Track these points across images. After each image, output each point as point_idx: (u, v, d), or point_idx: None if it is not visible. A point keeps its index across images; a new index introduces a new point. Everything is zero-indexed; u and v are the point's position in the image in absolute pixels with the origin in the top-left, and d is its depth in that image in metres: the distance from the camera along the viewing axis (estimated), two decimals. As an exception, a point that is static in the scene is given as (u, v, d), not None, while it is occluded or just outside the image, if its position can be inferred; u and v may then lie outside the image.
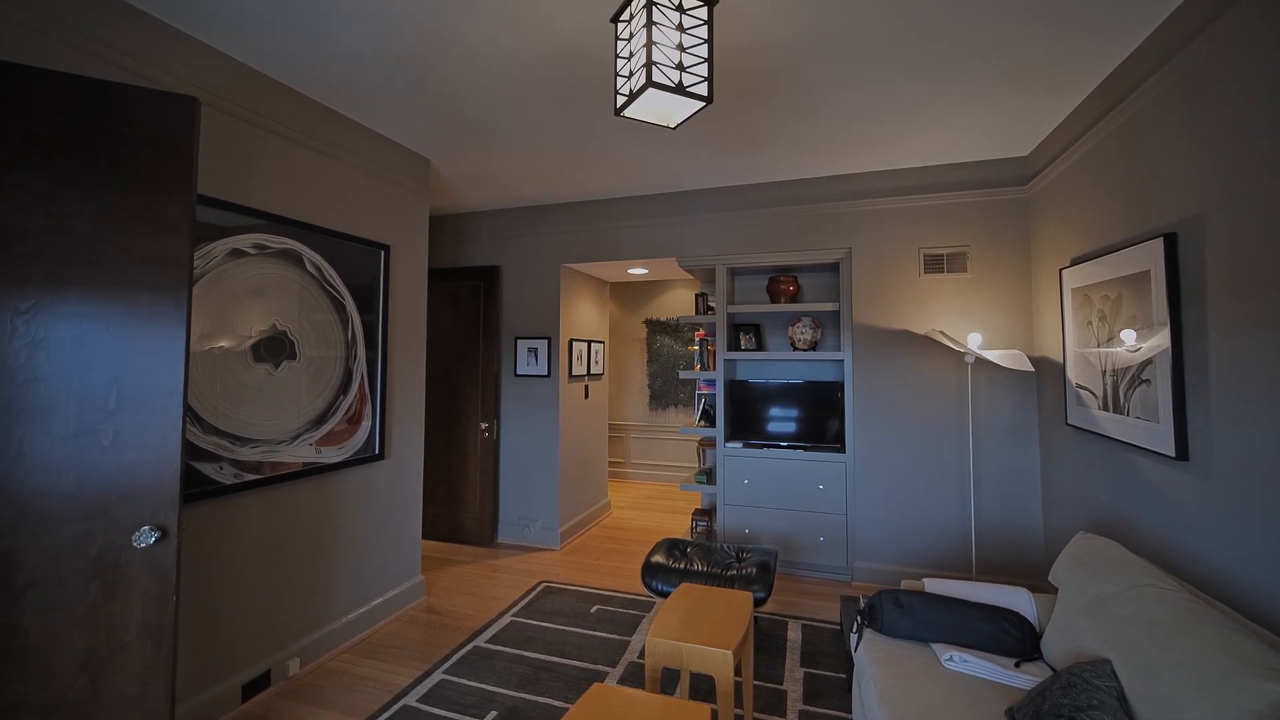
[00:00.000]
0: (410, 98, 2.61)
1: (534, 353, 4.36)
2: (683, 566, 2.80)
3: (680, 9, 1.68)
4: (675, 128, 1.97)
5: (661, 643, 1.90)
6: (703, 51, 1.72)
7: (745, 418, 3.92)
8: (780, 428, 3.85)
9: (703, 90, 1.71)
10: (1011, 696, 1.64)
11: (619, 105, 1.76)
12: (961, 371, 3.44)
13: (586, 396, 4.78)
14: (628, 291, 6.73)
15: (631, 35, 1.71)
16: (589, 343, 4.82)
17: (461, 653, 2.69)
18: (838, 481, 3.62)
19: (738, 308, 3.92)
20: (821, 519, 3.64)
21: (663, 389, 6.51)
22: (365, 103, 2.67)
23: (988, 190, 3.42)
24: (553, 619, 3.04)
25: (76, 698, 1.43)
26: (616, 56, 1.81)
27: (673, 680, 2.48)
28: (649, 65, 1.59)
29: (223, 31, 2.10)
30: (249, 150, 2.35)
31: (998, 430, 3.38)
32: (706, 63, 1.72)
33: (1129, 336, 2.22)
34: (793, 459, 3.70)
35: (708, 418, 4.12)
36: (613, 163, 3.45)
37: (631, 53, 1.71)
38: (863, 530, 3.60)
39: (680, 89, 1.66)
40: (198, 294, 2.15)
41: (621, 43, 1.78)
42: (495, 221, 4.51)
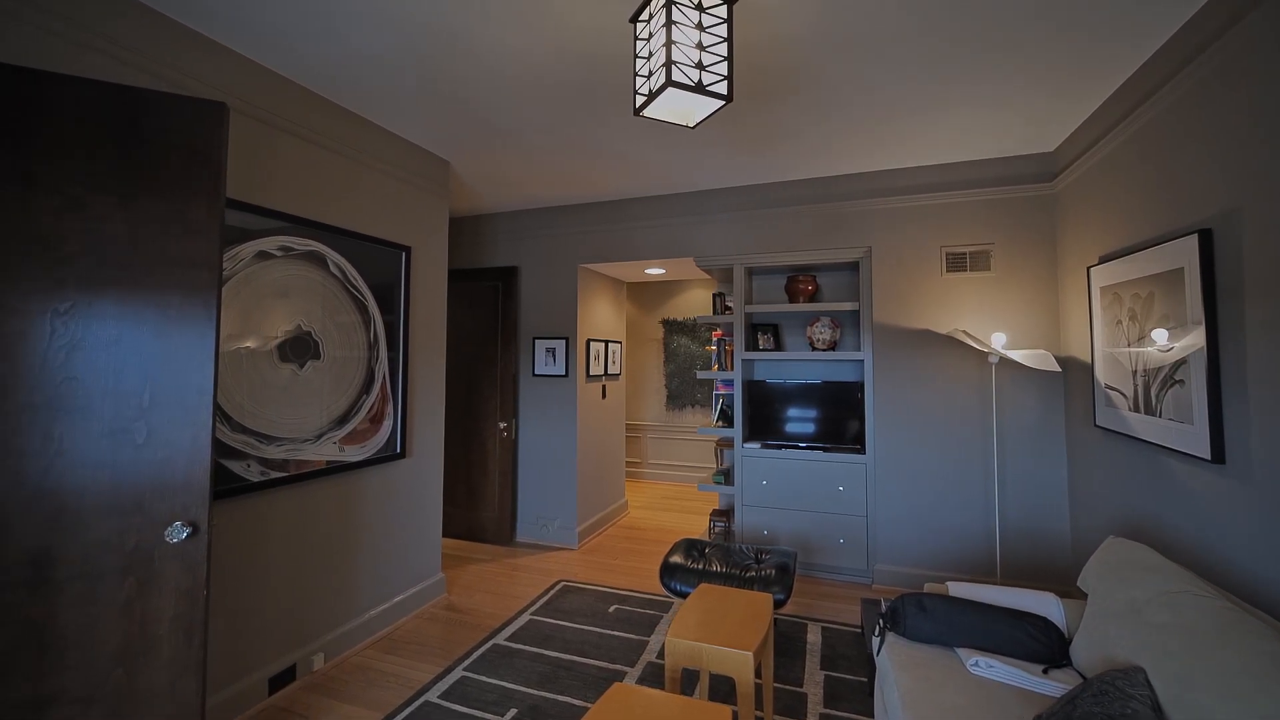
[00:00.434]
0: (430, 101, 2.64)
1: (551, 353, 4.38)
2: (701, 567, 2.79)
3: (700, 8, 1.68)
4: (694, 127, 1.96)
5: (681, 643, 1.90)
6: (722, 50, 1.71)
7: (763, 418, 3.89)
8: (799, 428, 3.82)
9: (722, 89, 1.71)
10: (1039, 704, 1.61)
11: (638, 105, 1.76)
12: (985, 372, 3.38)
13: (604, 396, 4.79)
14: (644, 291, 6.73)
15: (650, 35, 1.71)
16: (606, 343, 4.83)
17: (481, 650, 2.71)
18: (858, 483, 3.58)
19: (755, 307, 3.89)
20: (841, 520, 3.61)
21: (679, 389, 6.50)
22: (386, 106, 2.70)
23: (1012, 187, 3.35)
24: (571, 618, 3.05)
25: (113, 689, 1.47)
26: (635, 56, 1.81)
27: (691, 681, 2.48)
28: (668, 64, 1.59)
29: (250, 38, 2.15)
30: (275, 154, 2.40)
31: (1022, 431, 3.31)
32: (726, 61, 1.72)
33: (1161, 336, 2.16)
34: (812, 460, 3.67)
35: (725, 418, 4.10)
36: (630, 163, 3.45)
37: (650, 52, 1.71)
38: (883, 532, 3.56)
39: (700, 88, 1.65)
40: (226, 295, 2.20)
41: (640, 42, 1.78)
42: (513, 222, 4.54)
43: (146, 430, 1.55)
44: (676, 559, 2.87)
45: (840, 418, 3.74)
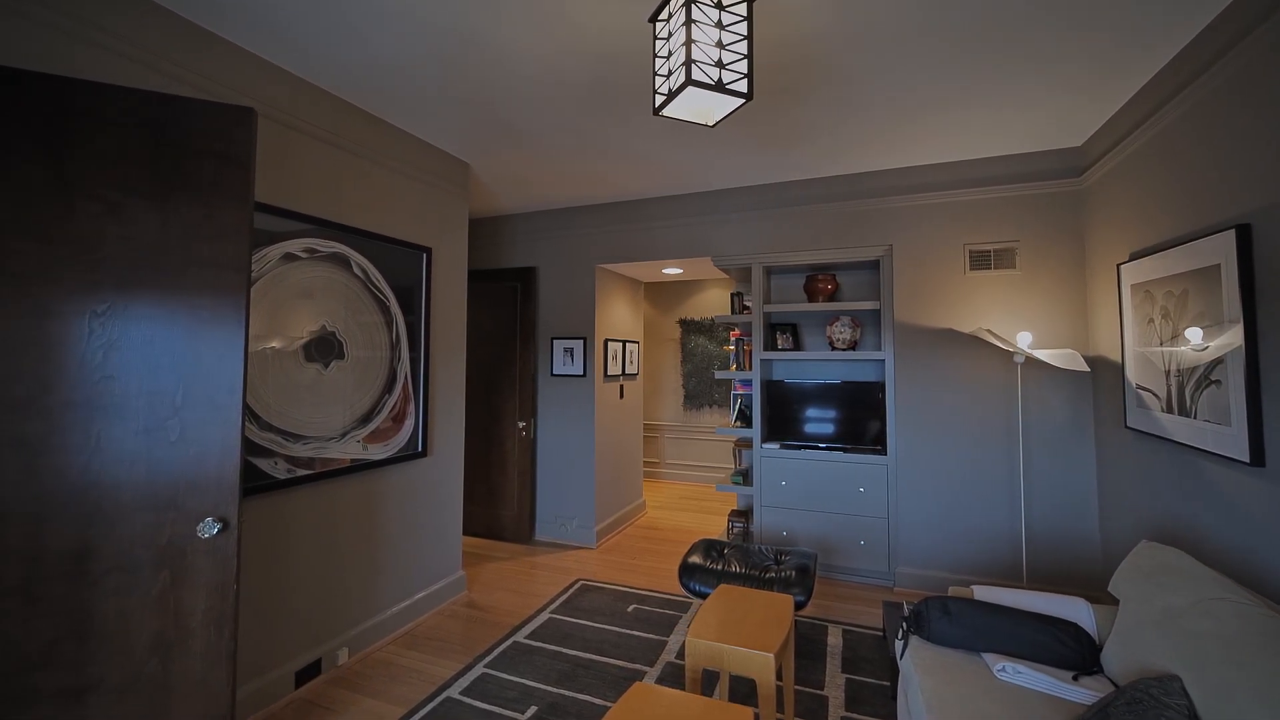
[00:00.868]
0: (450, 103, 2.67)
1: (570, 353, 4.40)
2: (720, 568, 2.78)
3: (719, 6, 1.67)
4: (713, 126, 1.96)
5: (702, 643, 1.89)
6: (742, 48, 1.70)
7: (782, 418, 3.86)
8: (818, 429, 3.78)
9: (742, 87, 1.70)
10: (1069, 711, 1.57)
11: (657, 104, 1.76)
12: (1010, 372, 3.31)
13: (621, 396, 4.80)
14: (661, 291, 6.73)
15: (670, 34, 1.71)
16: (624, 343, 4.84)
17: (502, 648, 2.74)
18: (879, 484, 3.54)
19: (774, 307, 3.87)
20: (862, 522, 3.57)
21: (697, 389, 6.48)
22: (407, 109, 2.74)
23: (1038, 183, 3.28)
24: (590, 617, 3.06)
25: (148, 679, 1.51)
26: (655, 56, 1.81)
27: (710, 682, 2.47)
28: (688, 63, 1.59)
29: (274, 44, 2.19)
30: (300, 157, 2.44)
31: (1049, 433, 3.24)
32: (746, 59, 1.71)
33: (1196, 335, 2.09)
34: (831, 461, 3.63)
35: (744, 418, 4.08)
36: (648, 163, 3.45)
37: (670, 51, 1.71)
38: (905, 534, 3.51)
39: (720, 86, 1.64)
40: (254, 296, 2.25)
41: (660, 42, 1.78)
42: (531, 223, 4.57)
43: (179, 428, 1.59)
44: (695, 559, 2.86)
45: (860, 418, 3.70)
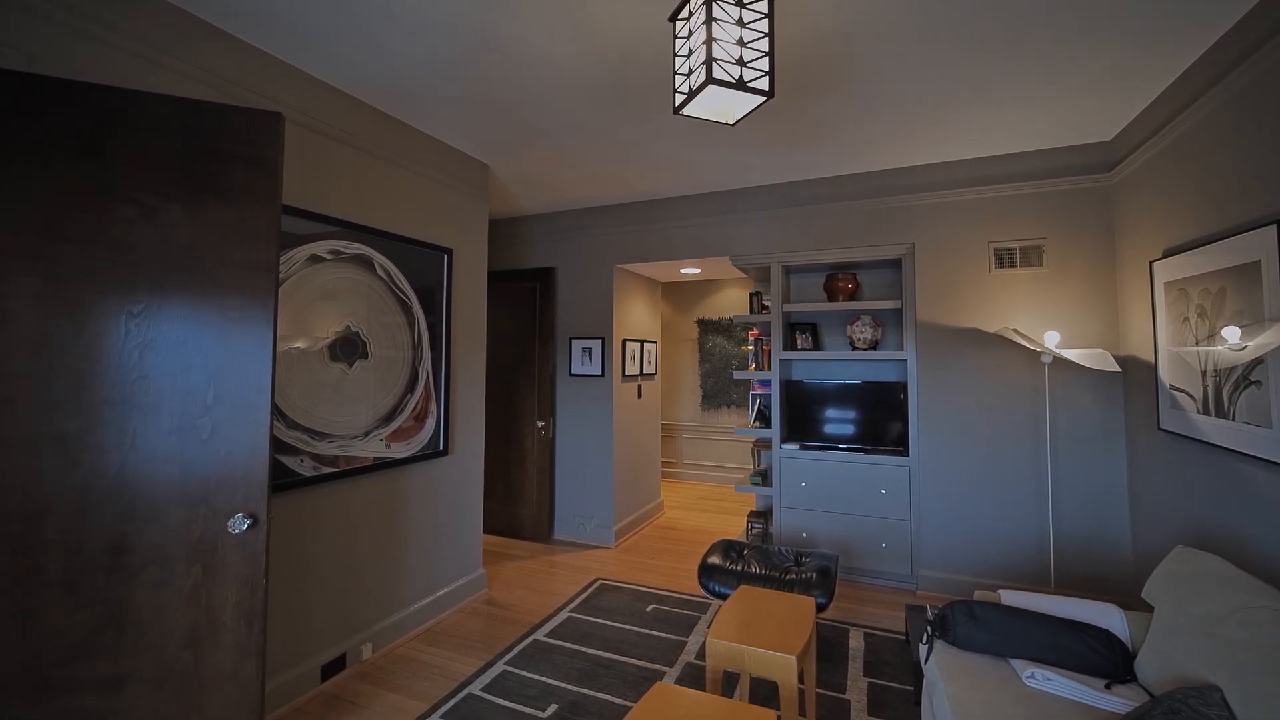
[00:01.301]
0: (471, 105, 2.70)
1: (588, 353, 4.41)
2: (740, 569, 2.76)
3: (740, 4, 1.66)
4: (734, 124, 1.95)
5: (723, 644, 1.88)
6: (763, 45, 1.69)
7: (802, 419, 3.83)
8: (838, 429, 3.74)
9: (763, 85, 1.68)
10: None
11: (677, 104, 1.75)
12: (1037, 372, 3.24)
13: (640, 396, 4.80)
14: (679, 291, 6.71)
15: (690, 33, 1.71)
16: (641, 343, 4.84)
17: (522, 645, 2.75)
18: (901, 486, 3.49)
19: (793, 306, 3.83)
20: (883, 524, 3.52)
21: (715, 389, 6.45)
22: (429, 111, 2.77)
23: (1065, 179, 3.21)
24: (609, 616, 3.07)
25: (181, 671, 1.55)
26: (675, 55, 1.81)
27: (730, 683, 2.46)
28: (709, 62, 1.58)
29: (299, 49, 2.23)
30: (323, 160, 2.49)
31: (1078, 435, 3.16)
32: (767, 56, 1.70)
33: (1234, 334, 2.03)
34: (852, 462, 3.59)
35: (763, 418, 4.05)
36: (666, 163, 3.45)
37: (690, 50, 1.70)
38: (928, 537, 3.45)
39: (740, 84, 1.63)
40: (281, 297, 2.30)
41: (680, 41, 1.78)
42: (550, 224, 4.60)
43: (210, 426, 1.63)
44: (715, 560, 2.85)
45: (882, 419, 3.65)
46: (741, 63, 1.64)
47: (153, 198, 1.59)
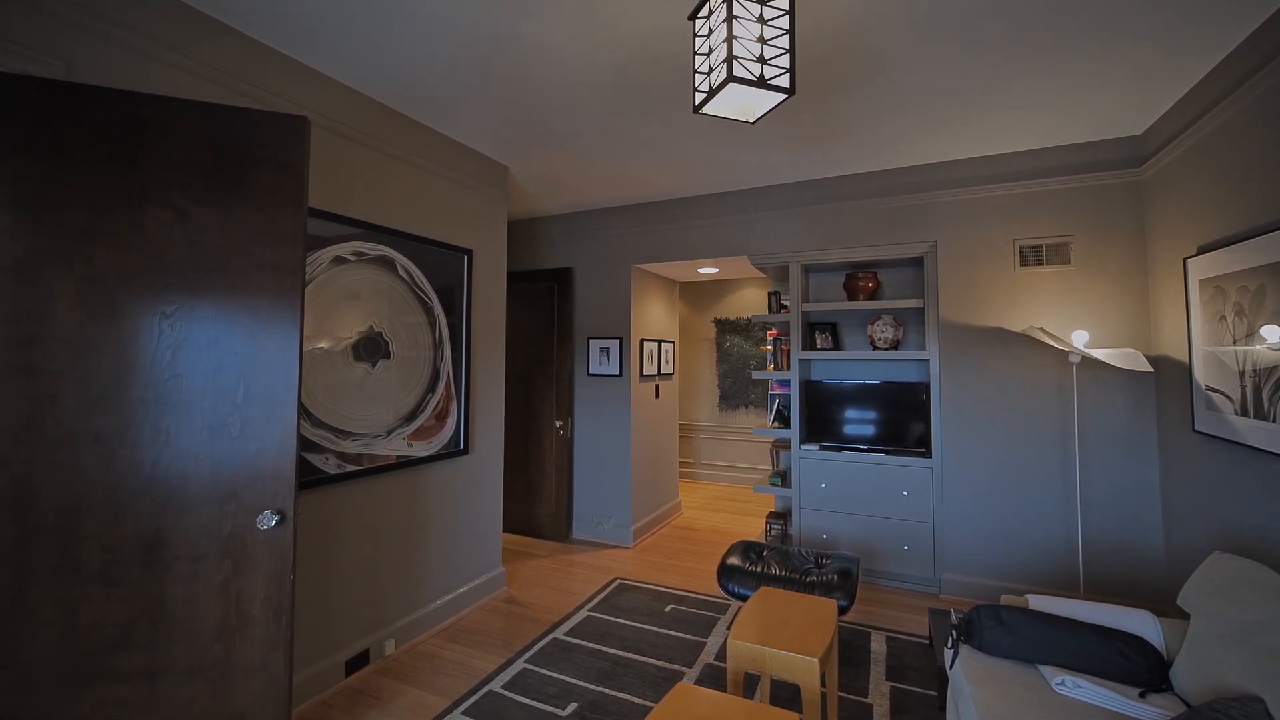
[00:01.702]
0: (490, 107, 2.72)
1: (606, 352, 4.42)
2: (760, 570, 2.74)
3: (761, 1, 1.65)
4: (754, 122, 1.94)
5: (744, 646, 1.87)
6: (784, 42, 1.68)
7: (821, 419, 3.79)
8: (859, 430, 3.70)
9: (784, 82, 1.67)
10: (1135, 728, 1.49)
11: (697, 102, 1.75)
12: (1065, 372, 3.17)
13: (657, 396, 4.80)
14: (696, 291, 6.70)
15: (711, 31, 1.70)
16: (659, 342, 4.84)
17: (541, 644, 2.77)
18: (923, 488, 3.43)
19: (813, 306, 3.80)
20: (906, 527, 3.47)
21: (733, 389, 6.42)
22: (450, 114, 2.80)
23: (1094, 174, 3.13)
24: (628, 616, 3.07)
25: (213, 663, 1.59)
26: (695, 54, 1.80)
27: (750, 685, 2.44)
28: (729, 59, 1.57)
29: (320, 52, 2.27)
30: (347, 163, 2.53)
31: (1108, 436, 3.09)
32: (788, 53, 1.68)
33: (1273, 332, 1.96)
34: (873, 463, 3.55)
35: (782, 419, 4.02)
36: (685, 162, 3.44)
37: (710, 48, 1.70)
38: (952, 540, 3.39)
39: (761, 82, 1.62)
40: (306, 298, 2.34)
41: (700, 39, 1.77)
42: (568, 224, 4.62)
43: (240, 424, 1.66)
44: (734, 561, 2.84)
45: (903, 419, 3.60)
46: (763, 60, 1.63)
47: (184, 201, 1.63)
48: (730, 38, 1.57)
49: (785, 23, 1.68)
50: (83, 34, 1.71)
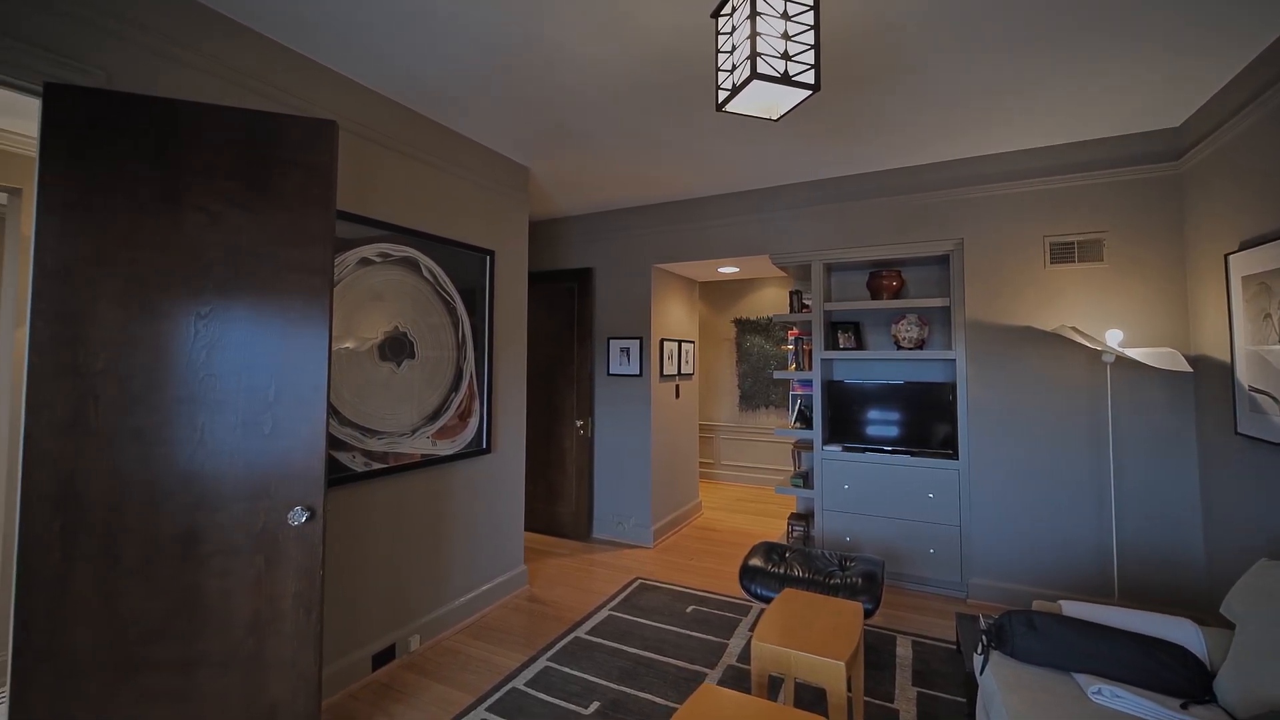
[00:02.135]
0: (512, 109, 2.74)
1: (626, 352, 4.42)
2: (782, 571, 2.72)
3: (785, -3, 1.64)
4: (778, 120, 1.92)
5: (768, 648, 1.86)
6: (809, 38, 1.66)
7: (844, 420, 3.75)
8: (882, 431, 3.64)
9: (809, 78, 1.65)
10: (1177, 740, 1.44)
11: (720, 100, 1.74)
12: (1098, 372, 3.08)
13: (677, 396, 4.79)
14: (716, 291, 6.67)
15: (734, 28, 1.69)
16: (679, 342, 4.83)
17: (563, 642, 2.78)
18: (949, 490, 3.37)
19: (835, 305, 3.75)
20: (931, 530, 3.41)
21: (753, 389, 6.38)
22: (472, 116, 2.83)
23: (1128, 168, 3.04)
24: (649, 616, 3.07)
25: (245, 655, 1.63)
26: (718, 51, 1.79)
27: (773, 687, 2.42)
28: (753, 56, 1.56)
29: (349, 58, 2.31)
30: (372, 166, 2.57)
31: (1144, 439, 2.99)
32: (813, 49, 1.66)
33: (1325, 329, 1.88)
34: (898, 465, 3.49)
35: (804, 419, 3.98)
36: (706, 162, 3.43)
37: (734, 46, 1.68)
38: (979, 544, 3.32)
39: (786, 79, 1.61)
40: (334, 299, 2.38)
41: (723, 37, 1.76)
42: (588, 225, 4.63)
43: (272, 422, 1.70)
44: (757, 562, 2.81)
45: (928, 420, 3.53)
46: (787, 56, 1.61)
47: (218, 204, 1.67)
48: (754, 34, 1.56)
49: (810, 18, 1.66)
50: (119, 42, 1.77)
